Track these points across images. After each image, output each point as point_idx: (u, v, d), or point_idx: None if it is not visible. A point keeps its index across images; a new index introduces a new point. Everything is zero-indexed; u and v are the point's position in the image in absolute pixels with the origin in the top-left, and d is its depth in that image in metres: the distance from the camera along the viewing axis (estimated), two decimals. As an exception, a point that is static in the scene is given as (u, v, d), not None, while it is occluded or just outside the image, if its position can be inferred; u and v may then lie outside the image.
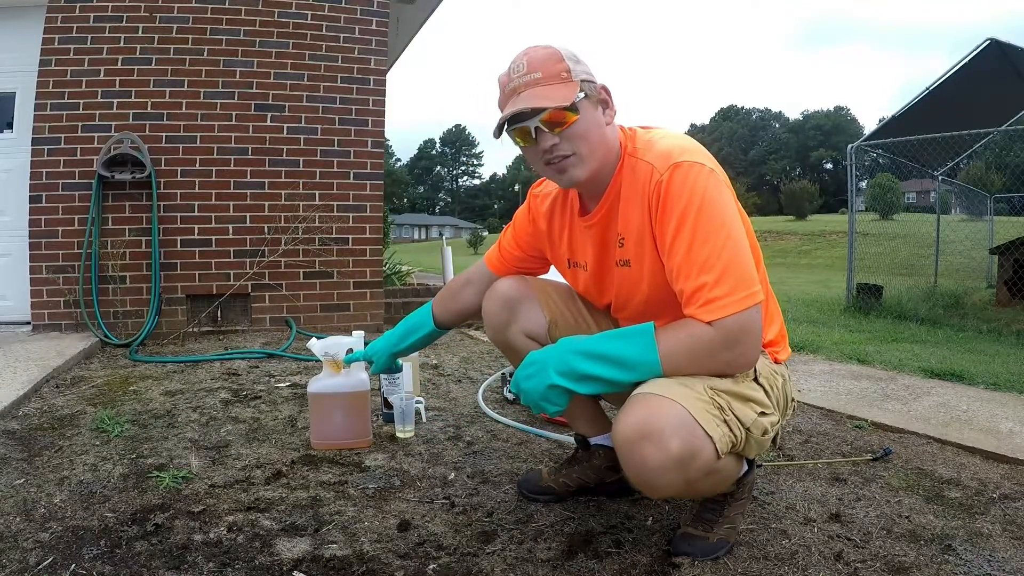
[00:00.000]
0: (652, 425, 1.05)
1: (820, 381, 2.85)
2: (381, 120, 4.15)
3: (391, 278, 6.12)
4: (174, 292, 3.76)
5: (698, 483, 1.12)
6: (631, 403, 1.10)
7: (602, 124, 1.21)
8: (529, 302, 1.45)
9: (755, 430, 1.15)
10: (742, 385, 1.17)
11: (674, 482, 1.08)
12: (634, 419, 1.07)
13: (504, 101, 1.20)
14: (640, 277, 1.25)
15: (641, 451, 1.05)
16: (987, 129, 6.69)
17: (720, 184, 1.15)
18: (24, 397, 2.29)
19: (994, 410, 2.35)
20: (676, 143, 1.20)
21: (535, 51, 1.19)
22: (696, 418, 1.06)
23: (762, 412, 1.17)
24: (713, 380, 1.13)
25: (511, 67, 1.20)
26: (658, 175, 1.16)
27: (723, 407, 1.11)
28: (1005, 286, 6.07)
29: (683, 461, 1.05)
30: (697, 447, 1.06)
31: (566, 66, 1.17)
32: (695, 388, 1.10)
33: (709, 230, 1.11)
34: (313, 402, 1.85)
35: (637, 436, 1.06)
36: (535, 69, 1.16)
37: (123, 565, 1.19)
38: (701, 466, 1.08)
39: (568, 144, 1.18)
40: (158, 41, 3.70)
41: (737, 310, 1.08)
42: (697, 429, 1.07)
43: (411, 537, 1.33)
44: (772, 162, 75.41)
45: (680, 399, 1.07)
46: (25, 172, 3.60)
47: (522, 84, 1.17)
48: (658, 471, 1.05)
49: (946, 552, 1.28)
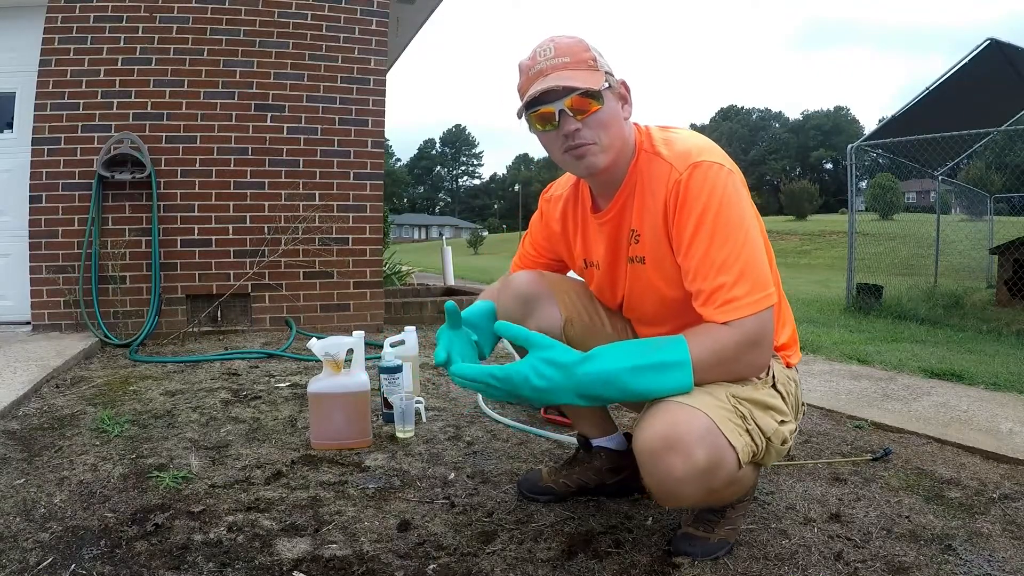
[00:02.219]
0: (677, 435, 1.03)
1: (820, 381, 2.85)
2: (381, 120, 4.15)
3: (391, 278, 6.13)
4: (174, 292, 3.76)
5: (719, 493, 1.12)
6: (653, 412, 1.08)
7: (621, 117, 1.21)
8: (546, 299, 1.43)
9: (775, 439, 1.15)
10: (762, 392, 1.16)
11: (697, 492, 1.07)
12: (658, 429, 1.05)
13: (527, 84, 1.18)
14: (655, 275, 1.25)
15: (667, 462, 1.04)
16: (987, 129, 6.69)
17: (739, 185, 1.15)
18: (24, 397, 2.29)
19: (994, 410, 2.35)
20: (695, 143, 1.19)
21: (562, 38, 1.18)
22: (720, 427, 1.05)
23: (782, 420, 1.17)
24: (734, 387, 1.12)
25: (536, 51, 1.18)
26: (677, 174, 1.15)
27: (745, 416, 1.10)
28: (1005, 286, 6.07)
29: (708, 471, 1.04)
30: (721, 457, 1.05)
31: (592, 55, 1.17)
32: (718, 396, 1.09)
33: (728, 231, 1.10)
34: (313, 402, 1.85)
35: (662, 447, 1.04)
36: (563, 54, 1.16)
37: (123, 565, 1.19)
38: (724, 476, 1.07)
39: (590, 132, 1.17)
40: (158, 41, 3.70)
41: (755, 311, 1.08)
42: (721, 439, 1.05)
43: (411, 537, 1.33)
44: (772, 162, 75.39)
45: (704, 408, 1.06)
46: (25, 172, 3.59)
47: (549, 67, 1.16)
48: (682, 481, 1.04)
49: (946, 552, 1.28)
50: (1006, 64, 6.01)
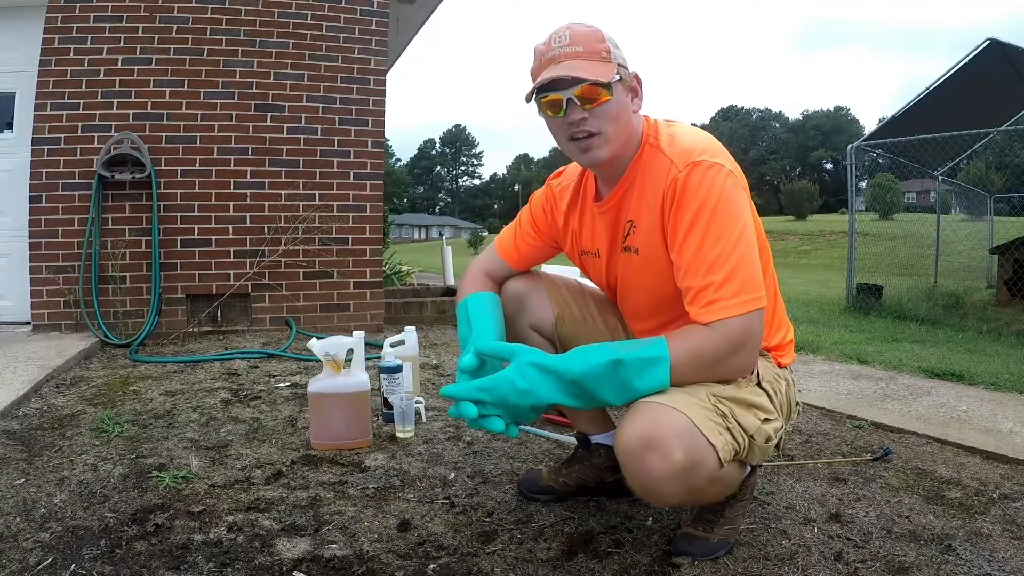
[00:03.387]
0: (655, 435, 1.04)
1: (820, 381, 2.85)
2: (381, 120, 4.15)
3: (391, 278, 6.13)
4: (174, 292, 3.76)
5: (701, 491, 1.11)
6: (634, 412, 1.09)
7: (630, 110, 1.21)
8: (538, 294, 1.46)
9: (758, 437, 1.15)
10: (745, 391, 1.16)
11: (677, 491, 1.07)
12: (637, 429, 1.06)
13: (540, 69, 1.19)
14: (647, 267, 1.25)
15: (645, 461, 1.04)
16: (987, 129, 6.69)
17: (737, 186, 1.15)
18: (24, 397, 2.29)
19: (994, 410, 2.35)
20: (698, 142, 1.19)
21: (578, 26, 1.18)
22: (699, 426, 1.06)
23: (765, 418, 1.17)
24: (715, 387, 1.12)
25: (552, 36, 1.19)
26: (676, 171, 1.16)
27: (726, 414, 1.11)
28: (1005, 286, 6.07)
29: (686, 470, 1.04)
30: (700, 456, 1.06)
31: (607, 46, 1.17)
32: (697, 395, 1.10)
33: (722, 230, 1.10)
34: (313, 402, 1.84)
35: (640, 446, 1.04)
36: (577, 42, 1.16)
37: (123, 565, 1.19)
38: (704, 475, 1.07)
39: (596, 122, 1.18)
40: (158, 41, 3.70)
41: (740, 312, 1.08)
42: (700, 438, 1.05)
43: (411, 537, 1.33)
44: (772, 162, 75.39)
45: (683, 407, 1.06)
46: (25, 172, 3.59)
47: (562, 54, 1.16)
48: (662, 481, 1.05)
49: (946, 552, 1.28)
50: (1006, 64, 6.01)
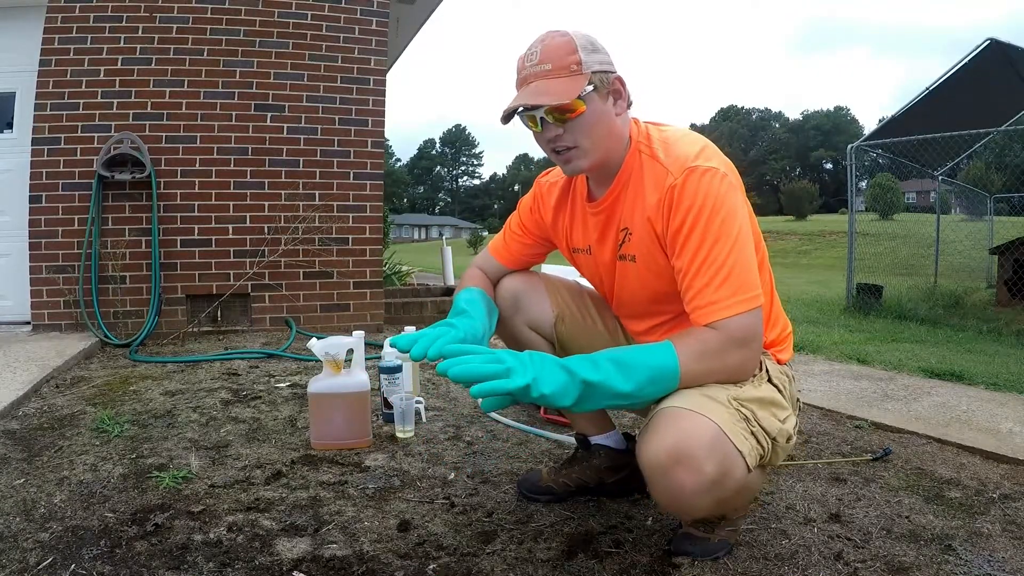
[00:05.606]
0: (684, 449, 1.01)
1: (820, 381, 2.85)
2: (381, 120, 4.15)
3: (391, 278, 6.13)
4: (174, 292, 3.76)
5: (728, 501, 1.11)
6: (658, 421, 1.06)
7: (611, 115, 1.21)
8: (537, 293, 1.46)
9: (780, 438, 1.14)
10: (761, 389, 1.16)
11: (707, 504, 1.07)
12: (665, 441, 1.03)
13: (517, 86, 1.20)
14: (646, 271, 1.26)
15: (675, 477, 1.02)
16: (987, 129, 6.68)
17: (733, 189, 1.15)
18: (24, 397, 2.29)
19: (994, 410, 2.35)
20: (692, 148, 1.19)
21: (551, 39, 1.17)
22: (727, 433, 1.04)
23: (784, 418, 1.17)
24: (732, 389, 1.11)
25: (526, 53, 1.19)
26: (672, 179, 1.16)
27: (748, 418, 1.10)
28: (1005, 286, 6.07)
29: (718, 482, 1.03)
30: (731, 465, 1.04)
31: (577, 58, 1.16)
32: (719, 399, 1.08)
33: (718, 234, 1.11)
34: (313, 402, 1.84)
35: (671, 461, 1.02)
36: (546, 60, 1.16)
37: (123, 565, 1.19)
38: (734, 484, 1.06)
39: (571, 136, 1.18)
40: (158, 41, 3.70)
41: (738, 312, 1.08)
42: (729, 446, 1.04)
43: (411, 537, 1.33)
44: (772, 162, 75.34)
45: (710, 414, 1.04)
46: (25, 172, 3.59)
47: (531, 74, 1.17)
48: (695, 495, 1.03)
49: (946, 552, 1.28)
50: (1006, 64, 6.02)
